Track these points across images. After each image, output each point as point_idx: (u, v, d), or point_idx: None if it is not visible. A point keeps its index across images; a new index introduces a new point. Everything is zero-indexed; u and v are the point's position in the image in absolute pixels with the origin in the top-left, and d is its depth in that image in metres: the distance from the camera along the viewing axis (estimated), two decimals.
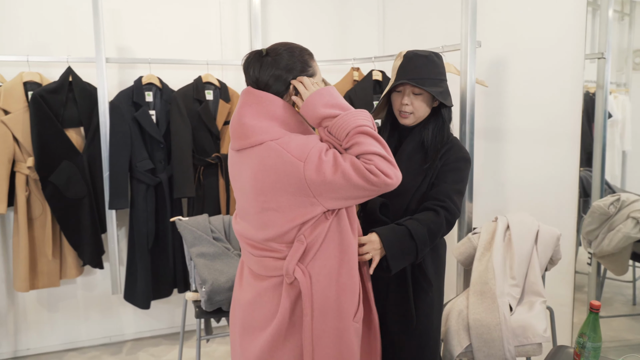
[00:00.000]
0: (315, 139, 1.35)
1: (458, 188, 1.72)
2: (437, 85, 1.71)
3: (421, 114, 1.75)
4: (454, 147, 1.77)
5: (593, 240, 2.42)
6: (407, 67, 1.73)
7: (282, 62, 1.37)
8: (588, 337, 1.47)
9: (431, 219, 1.63)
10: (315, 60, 1.46)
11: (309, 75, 1.42)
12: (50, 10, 2.90)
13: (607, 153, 2.42)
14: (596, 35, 2.35)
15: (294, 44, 1.44)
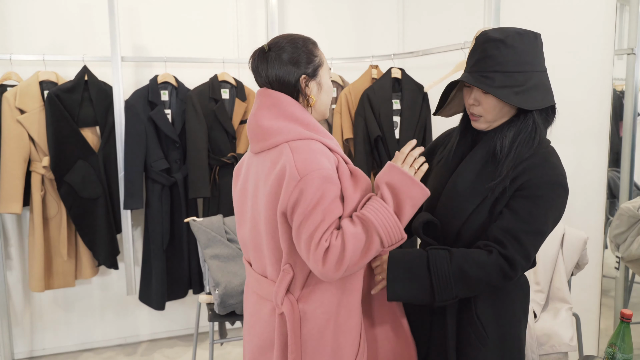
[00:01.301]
0: (330, 161, 1.21)
1: (535, 228, 1.23)
2: (512, 82, 1.24)
3: (492, 117, 1.30)
4: (543, 164, 1.27)
5: (621, 244, 2.34)
6: (474, 56, 1.30)
7: (285, 55, 1.28)
8: (618, 348, 1.41)
9: (474, 259, 1.23)
10: (319, 48, 1.35)
11: (316, 66, 1.30)
12: (66, 10, 2.90)
13: (636, 153, 2.33)
14: (625, 31, 2.27)
15: (296, 34, 1.33)
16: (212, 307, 2.32)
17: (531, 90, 1.25)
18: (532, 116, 1.28)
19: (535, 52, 1.28)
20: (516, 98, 1.23)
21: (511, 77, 1.24)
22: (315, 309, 1.24)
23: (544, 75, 1.30)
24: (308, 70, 1.29)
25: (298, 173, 1.16)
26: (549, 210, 1.24)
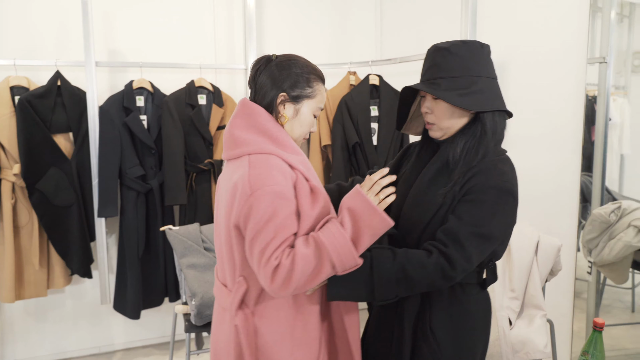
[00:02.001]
0: (287, 177, 1.21)
1: (477, 231, 1.21)
2: (456, 86, 1.28)
3: (445, 124, 1.33)
4: (490, 170, 1.27)
5: (593, 249, 2.39)
6: (425, 66, 1.36)
7: (284, 71, 1.29)
8: (591, 356, 1.43)
9: (416, 258, 1.22)
10: (321, 86, 1.33)
11: (304, 95, 1.30)
12: (38, 13, 2.83)
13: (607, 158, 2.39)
14: (597, 38, 2.32)
15: (305, 60, 1.33)
16: (189, 318, 2.29)
17: (476, 94, 1.27)
18: (480, 124, 1.30)
19: (480, 59, 1.31)
20: (459, 99, 1.26)
21: (455, 82, 1.28)
22: (270, 324, 1.25)
23: (491, 82, 1.31)
24: (292, 93, 1.29)
25: (250, 188, 1.17)
26: (495, 215, 1.23)
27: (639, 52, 2.39)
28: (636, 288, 2.53)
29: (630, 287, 2.52)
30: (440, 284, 1.23)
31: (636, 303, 2.53)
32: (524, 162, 2.54)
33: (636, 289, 2.53)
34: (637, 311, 2.52)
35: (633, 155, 2.47)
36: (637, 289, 2.53)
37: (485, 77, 1.29)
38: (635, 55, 2.40)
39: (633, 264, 2.35)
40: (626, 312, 2.54)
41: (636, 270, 2.44)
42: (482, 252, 1.24)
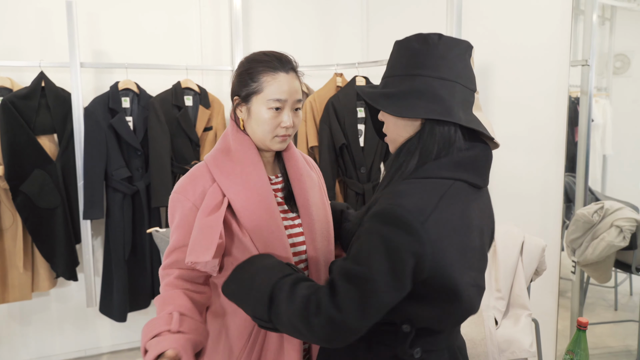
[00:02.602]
0: (196, 187, 1.22)
1: (350, 270, 0.94)
2: (383, 85, 1.08)
3: (392, 136, 1.10)
4: (392, 191, 0.98)
5: (577, 249, 2.42)
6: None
7: (233, 78, 1.29)
8: (575, 354, 1.45)
9: (292, 287, 1.02)
10: (275, 73, 1.22)
11: (251, 92, 1.21)
12: (22, 13, 2.80)
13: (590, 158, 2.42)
14: (580, 41, 2.35)
15: (254, 55, 1.26)
16: None
17: (406, 95, 1.02)
18: (416, 136, 1.04)
19: (431, 55, 1.03)
20: (382, 101, 1.04)
21: (396, 81, 1.05)
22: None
23: (437, 83, 1.01)
24: (242, 93, 1.24)
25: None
26: (373, 249, 0.92)
27: (620, 54, 2.43)
28: (619, 287, 2.57)
29: (613, 286, 2.56)
30: (301, 329, 0.97)
31: (619, 301, 2.57)
32: (508, 162, 2.57)
33: (619, 288, 2.57)
34: (620, 309, 2.56)
35: (615, 156, 2.50)
36: (619, 287, 2.57)
37: (429, 77, 1.01)
38: (617, 58, 2.44)
39: (615, 263, 2.39)
40: (609, 311, 2.58)
41: (619, 270, 2.48)
42: (363, 302, 0.91)
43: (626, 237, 2.25)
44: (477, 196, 1.04)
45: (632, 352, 2.39)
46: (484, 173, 1.06)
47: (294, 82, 1.23)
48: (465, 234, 0.97)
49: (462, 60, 1.04)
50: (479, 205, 1.05)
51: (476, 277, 1.01)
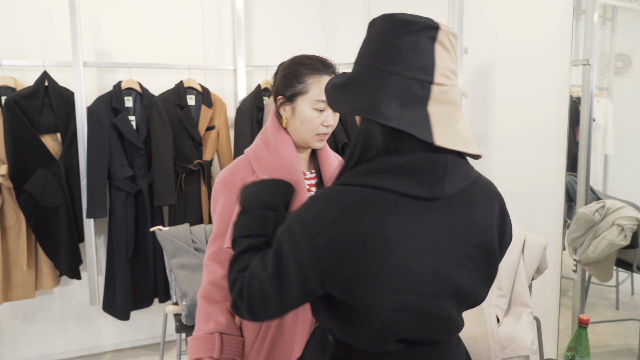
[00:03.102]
0: (235, 177, 1.30)
1: (259, 262, 0.93)
2: (344, 74, 0.96)
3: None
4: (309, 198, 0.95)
5: (578, 247, 2.42)
6: None
7: (276, 78, 1.35)
8: (577, 352, 1.45)
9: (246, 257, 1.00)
10: (319, 75, 1.28)
11: (296, 92, 1.28)
12: (25, 13, 2.81)
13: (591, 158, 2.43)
14: (581, 41, 2.36)
15: (298, 57, 1.33)
16: (180, 318, 2.29)
17: (343, 87, 0.93)
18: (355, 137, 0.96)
19: (367, 39, 0.93)
20: (328, 91, 0.98)
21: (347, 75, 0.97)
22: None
23: (370, 72, 0.88)
24: (287, 93, 1.30)
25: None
26: (271, 250, 0.92)
27: (621, 54, 2.44)
28: (620, 286, 2.58)
29: (614, 285, 2.57)
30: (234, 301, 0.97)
31: (620, 300, 2.58)
32: (509, 161, 2.58)
33: (620, 287, 2.58)
34: (622, 308, 2.57)
35: (616, 155, 2.51)
36: (621, 286, 2.58)
37: (362, 66, 0.91)
38: (618, 57, 2.45)
39: (617, 262, 2.40)
40: (610, 310, 2.59)
41: (620, 269, 2.49)
42: (260, 293, 0.90)
43: (627, 236, 2.26)
44: (423, 208, 0.87)
45: (633, 351, 2.40)
46: (429, 182, 0.86)
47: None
48: (380, 251, 0.83)
49: (411, 44, 0.86)
50: (433, 219, 0.87)
51: (411, 302, 0.86)
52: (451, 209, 0.90)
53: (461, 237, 0.91)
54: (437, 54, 0.87)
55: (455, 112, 0.89)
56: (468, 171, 0.94)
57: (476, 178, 0.97)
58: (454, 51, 0.90)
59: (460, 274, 0.90)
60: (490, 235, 0.95)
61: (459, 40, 2.28)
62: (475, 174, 0.98)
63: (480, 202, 0.95)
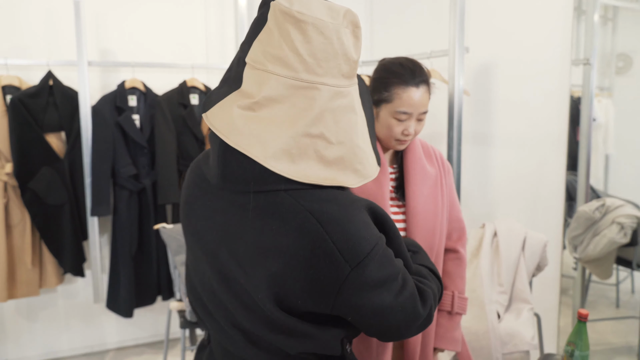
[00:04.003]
0: None
1: None
2: None
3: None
4: None
5: (578, 245, 2.44)
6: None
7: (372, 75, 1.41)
8: (576, 346, 1.47)
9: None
10: (406, 86, 1.30)
11: (382, 100, 1.34)
12: (30, 13, 2.84)
13: (591, 157, 2.44)
14: (582, 40, 2.38)
15: (392, 62, 1.37)
16: (184, 314, 2.31)
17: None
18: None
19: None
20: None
21: None
22: None
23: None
24: (374, 97, 1.34)
25: None
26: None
27: (622, 54, 2.45)
28: (621, 284, 2.59)
29: (614, 284, 2.58)
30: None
31: (621, 299, 2.59)
32: (510, 160, 2.60)
33: (620, 285, 2.59)
34: (622, 307, 2.58)
35: (618, 155, 2.52)
36: (621, 285, 2.59)
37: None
38: (619, 57, 2.46)
39: (617, 260, 2.41)
40: (611, 308, 2.60)
41: (620, 267, 2.50)
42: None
43: (627, 234, 2.28)
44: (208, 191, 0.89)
45: (633, 349, 2.41)
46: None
47: (422, 95, 1.30)
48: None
49: (255, 25, 0.85)
50: (209, 204, 0.88)
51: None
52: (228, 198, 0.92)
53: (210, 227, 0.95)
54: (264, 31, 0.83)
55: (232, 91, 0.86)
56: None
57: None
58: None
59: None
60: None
61: (460, 38, 2.29)
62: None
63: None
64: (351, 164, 0.83)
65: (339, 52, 0.80)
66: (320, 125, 0.78)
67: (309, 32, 0.77)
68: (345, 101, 0.82)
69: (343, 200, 0.81)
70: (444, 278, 1.51)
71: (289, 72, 0.77)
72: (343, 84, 0.82)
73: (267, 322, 0.83)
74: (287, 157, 0.77)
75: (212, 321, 0.93)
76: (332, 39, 0.78)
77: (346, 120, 0.82)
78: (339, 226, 0.77)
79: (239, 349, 0.90)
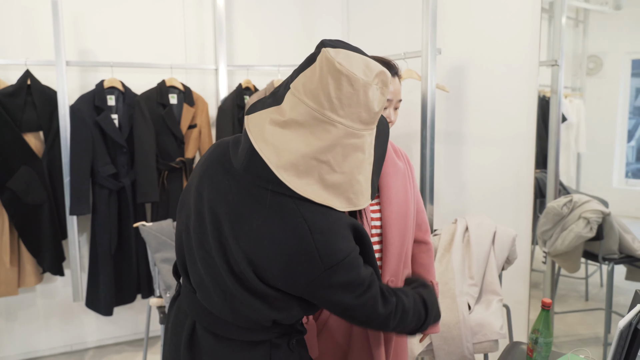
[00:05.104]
0: None
1: None
2: None
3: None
4: None
5: (547, 240, 2.52)
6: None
7: None
8: (540, 333, 1.53)
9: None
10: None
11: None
12: (7, 12, 2.83)
13: (562, 155, 2.51)
14: (551, 42, 2.45)
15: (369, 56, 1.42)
16: (163, 310, 2.35)
17: None
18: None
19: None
20: None
21: None
22: None
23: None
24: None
25: None
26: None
27: (593, 56, 2.53)
28: (589, 278, 2.68)
29: (583, 277, 2.67)
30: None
31: (590, 292, 2.68)
32: (481, 158, 2.68)
33: (589, 279, 2.68)
34: (591, 299, 2.66)
35: (589, 154, 2.59)
36: (590, 279, 2.68)
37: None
38: (590, 59, 2.53)
39: (585, 254, 2.50)
40: (580, 301, 2.67)
41: (590, 261, 2.59)
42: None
43: (593, 228, 2.36)
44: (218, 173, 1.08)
45: (599, 339, 2.50)
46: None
47: (397, 85, 1.41)
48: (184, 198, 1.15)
49: (307, 61, 1.04)
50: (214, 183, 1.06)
51: (181, 234, 1.15)
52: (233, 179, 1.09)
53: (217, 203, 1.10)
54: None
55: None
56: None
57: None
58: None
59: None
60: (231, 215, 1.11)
61: (433, 40, 2.36)
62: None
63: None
64: (346, 192, 0.99)
65: (362, 102, 0.95)
66: (329, 154, 0.95)
67: (342, 82, 0.93)
68: (358, 142, 0.98)
69: (332, 216, 0.99)
70: (420, 269, 1.59)
71: (316, 106, 0.94)
72: (359, 127, 0.97)
73: (248, 287, 1.02)
74: (294, 171, 0.95)
75: (198, 277, 1.09)
76: (359, 92, 0.95)
77: (353, 157, 0.98)
78: (323, 236, 0.96)
79: (212, 305, 1.08)
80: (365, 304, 1.02)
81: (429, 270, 1.59)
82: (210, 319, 1.10)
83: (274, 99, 1.03)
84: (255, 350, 1.10)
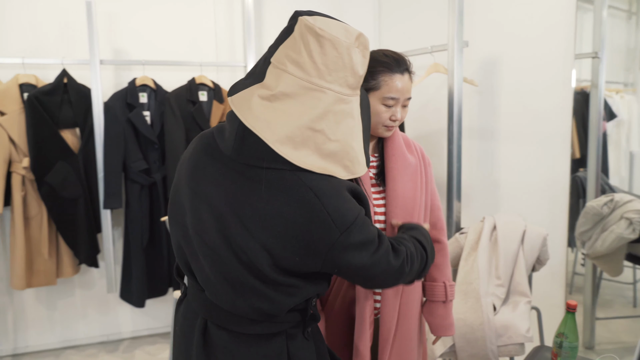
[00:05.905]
0: None
1: None
2: None
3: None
4: None
5: (587, 241, 2.41)
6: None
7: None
8: (565, 337, 1.47)
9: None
10: (391, 73, 1.35)
11: (370, 88, 1.36)
12: (45, 13, 2.94)
13: (611, 154, 2.40)
14: (587, 34, 2.34)
15: (377, 53, 1.39)
16: None
17: None
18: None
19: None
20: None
21: None
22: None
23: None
24: (365, 86, 1.34)
25: None
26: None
27: None
28: (637, 283, 2.54)
29: (631, 282, 2.53)
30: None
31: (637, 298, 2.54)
32: (514, 155, 2.59)
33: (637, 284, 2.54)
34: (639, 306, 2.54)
35: None
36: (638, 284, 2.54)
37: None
38: None
39: (628, 256, 2.37)
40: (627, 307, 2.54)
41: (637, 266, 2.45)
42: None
43: (636, 229, 2.24)
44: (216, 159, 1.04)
45: None
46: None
47: (406, 82, 1.38)
48: (178, 184, 1.10)
49: (283, 33, 1.03)
50: (215, 170, 1.03)
51: (178, 236, 1.11)
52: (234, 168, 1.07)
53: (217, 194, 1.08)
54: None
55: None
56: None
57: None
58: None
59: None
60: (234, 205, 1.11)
61: (459, 32, 2.29)
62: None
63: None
64: (342, 159, 0.98)
65: (348, 66, 0.95)
66: (322, 122, 0.94)
67: (326, 46, 0.93)
68: (347, 107, 0.98)
69: (332, 180, 0.98)
70: (433, 269, 1.54)
71: (303, 75, 0.94)
72: (347, 92, 0.97)
73: (257, 275, 1.00)
74: (290, 143, 0.93)
75: (204, 275, 1.07)
76: (344, 55, 0.94)
77: (345, 123, 0.98)
78: (331, 199, 0.96)
79: (223, 301, 1.06)
80: (381, 259, 1.03)
81: (442, 270, 1.54)
82: (223, 315, 1.08)
83: (253, 77, 1.01)
84: (271, 343, 1.09)
